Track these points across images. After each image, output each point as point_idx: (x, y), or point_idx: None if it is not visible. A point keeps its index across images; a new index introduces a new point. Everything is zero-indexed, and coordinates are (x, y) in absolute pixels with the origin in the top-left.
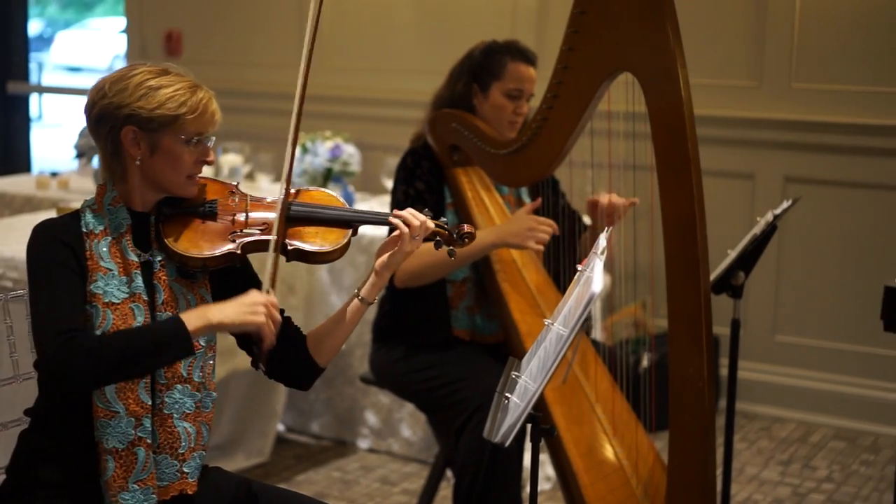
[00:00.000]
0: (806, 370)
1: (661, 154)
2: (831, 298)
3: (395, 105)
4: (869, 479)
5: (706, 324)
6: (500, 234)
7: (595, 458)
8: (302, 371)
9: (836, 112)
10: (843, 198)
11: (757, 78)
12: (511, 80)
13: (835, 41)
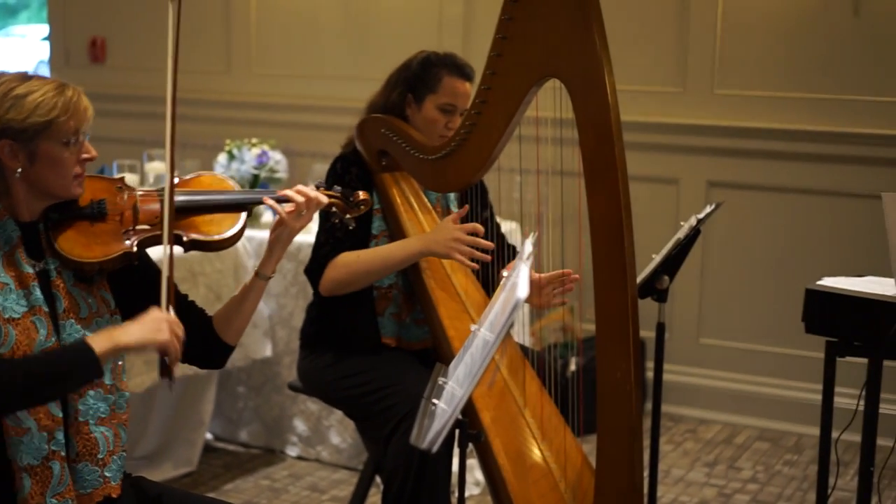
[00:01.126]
0: (730, 372)
1: (588, 160)
2: (754, 301)
3: (323, 111)
4: (792, 478)
5: (632, 327)
6: (426, 242)
7: (524, 463)
8: (212, 352)
9: (757, 117)
10: (766, 202)
11: (681, 84)
12: (446, 94)
13: (756, 48)
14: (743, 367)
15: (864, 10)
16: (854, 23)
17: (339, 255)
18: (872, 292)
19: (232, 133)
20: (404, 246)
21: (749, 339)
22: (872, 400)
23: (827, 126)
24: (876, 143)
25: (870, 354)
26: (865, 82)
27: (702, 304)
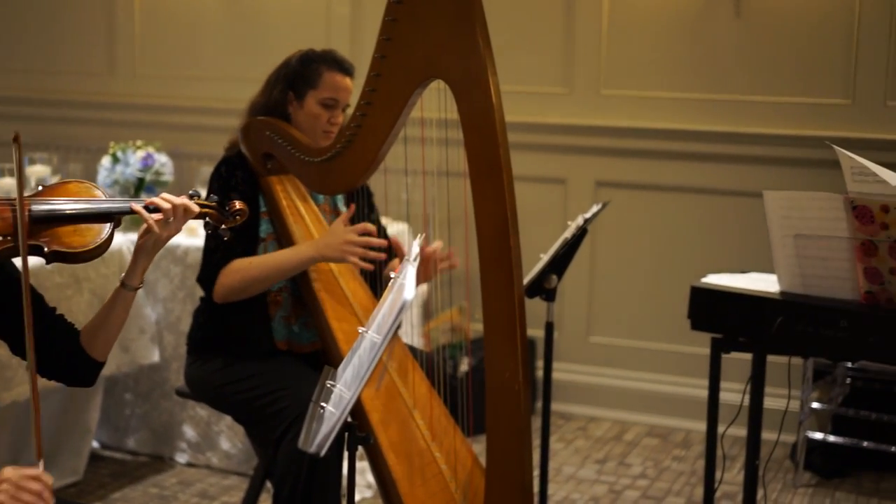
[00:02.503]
0: (619, 369)
1: (473, 160)
2: (642, 299)
3: (209, 113)
4: (681, 473)
5: (520, 327)
6: (319, 248)
7: (414, 464)
8: (78, 368)
9: (643, 118)
10: (652, 201)
11: (568, 85)
12: (326, 89)
13: (641, 49)
14: (631, 365)
15: (744, 12)
16: (736, 24)
17: (232, 262)
18: (755, 289)
19: (116, 135)
20: (297, 252)
21: (637, 337)
22: (757, 394)
23: (711, 126)
24: (759, 142)
25: (754, 349)
26: (747, 82)
27: (591, 302)
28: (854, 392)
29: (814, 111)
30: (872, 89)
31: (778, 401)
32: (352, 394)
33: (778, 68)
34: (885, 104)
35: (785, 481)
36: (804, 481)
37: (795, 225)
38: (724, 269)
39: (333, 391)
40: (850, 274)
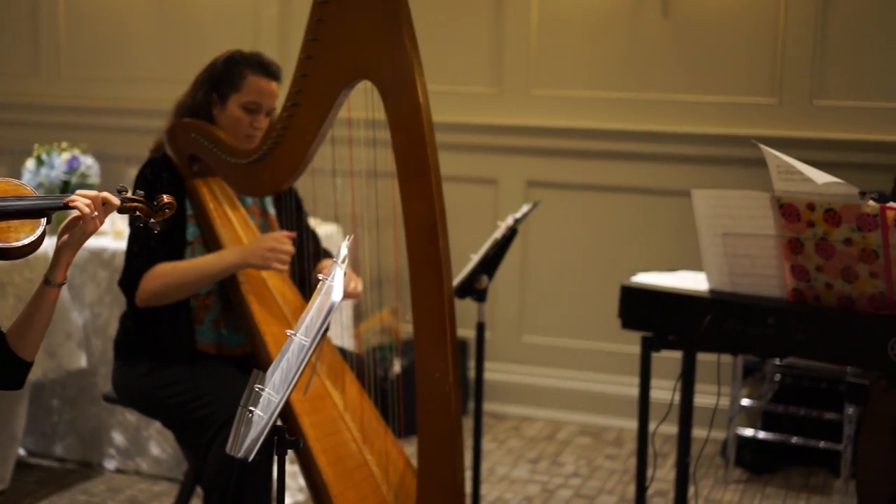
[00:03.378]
0: (551, 369)
1: (401, 161)
2: (573, 298)
3: (135, 114)
4: (613, 472)
5: (450, 328)
6: (244, 254)
7: (345, 467)
8: (7, 370)
9: (573, 117)
10: (582, 200)
11: (497, 85)
12: (248, 93)
13: (570, 49)
14: (564, 364)
15: (672, 11)
16: (663, 23)
17: (155, 266)
18: (684, 287)
19: (41, 137)
20: (221, 258)
21: (569, 336)
22: (687, 392)
23: (640, 125)
24: (687, 141)
25: (684, 347)
26: (676, 82)
27: (522, 302)
28: (783, 388)
29: (741, 110)
30: (798, 88)
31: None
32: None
33: (705, 68)
34: (811, 103)
35: (716, 478)
36: (735, 477)
37: (723, 223)
38: (653, 267)
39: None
40: (777, 272)
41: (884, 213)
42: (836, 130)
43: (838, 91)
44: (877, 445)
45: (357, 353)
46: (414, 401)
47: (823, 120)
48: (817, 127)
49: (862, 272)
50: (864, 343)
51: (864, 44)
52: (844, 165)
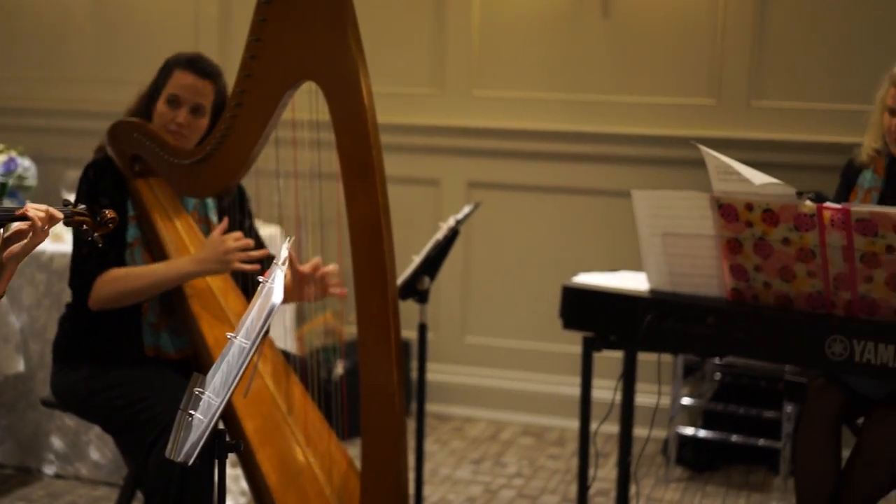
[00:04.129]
0: (495, 369)
1: (345, 162)
2: (516, 299)
3: (74, 115)
4: (556, 471)
5: (394, 329)
6: (200, 263)
7: (288, 470)
8: None
9: (514, 118)
10: (524, 201)
11: (439, 86)
12: (172, 86)
13: (511, 50)
14: (507, 364)
15: (612, 13)
16: (603, 25)
17: (109, 271)
18: (625, 287)
19: None
20: (178, 268)
21: (512, 337)
22: (628, 391)
23: (580, 126)
24: (627, 142)
25: (624, 347)
26: (615, 83)
27: (465, 303)
28: (723, 387)
29: (680, 111)
30: (737, 90)
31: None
32: (220, 401)
33: (645, 69)
34: (749, 104)
35: (657, 476)
36: (676, 476)
37: (663, 224)
38: (595, 268)
39: (202, 398)
40: (716, 271)
41: (820, 213)
42: (774, 131)
43: (776, 92)
44: (815, 443)
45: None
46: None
47: (761, 121)
48: (755, 128)
49: (799, 271)
50: (802, 342)
51: (800, 46)
52: (782, 166)
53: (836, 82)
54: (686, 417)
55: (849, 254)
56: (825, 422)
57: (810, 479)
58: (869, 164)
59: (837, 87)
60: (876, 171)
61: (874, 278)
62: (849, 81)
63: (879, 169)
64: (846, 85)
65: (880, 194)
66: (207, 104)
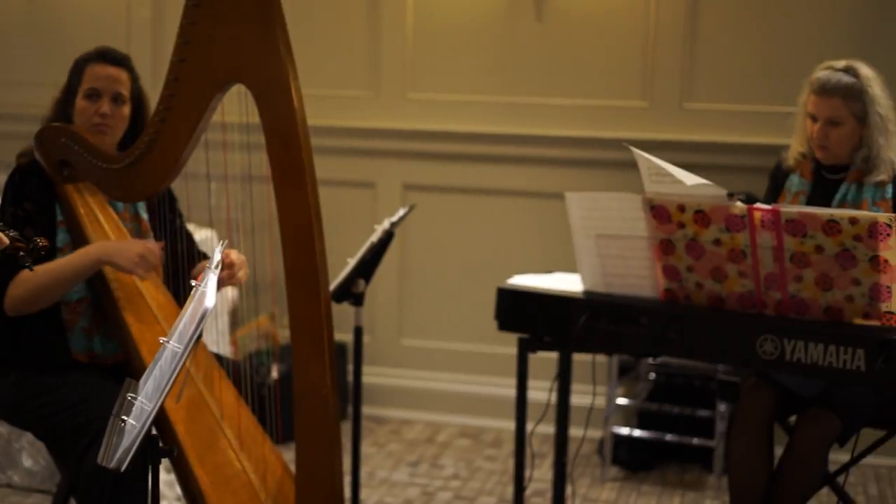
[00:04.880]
0: (431, 372)
1: (276, 165)
2: (452, 301)
3: (5, 119)
4: (493, 472)
5: (327, 332)
6: (107, 250)
7: (222, 475)
8: None
9: (449, 121)
10: (459, 203)
11: (374, 88)
12: (88, 80)
13: (446, 53)
14: (443, 366)
15: (545, 16)
16: (537, 27)
17: (19, 274)
18: (559, 289)
19: None
20: (86, 253)
21: (448, 339)
22: (564, 392)
23: (515, 128)
24: (561, 144)
25: (559, 348)
26: (549, 85)
27: (401, 305)
28: (657, 387)
29: (613, 113)
30: (668, 92)
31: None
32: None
33: (578, 71)
34: (681, 106)
35: (593, 476)
36: (612, 476)
37: (597, 225)
38: (529, 270)
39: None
40: (649, 272)
41: (751, 214)
42: (705, 133)
43: (707, 94)
44: (747, 441)
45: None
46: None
47: (693, 123)
48: (687, 130)
49: (731, 272)
50: (734, 341)
51: (731, 49)
52: (713, 167)
53: (765, 85)
54: (621, 417)
55: (779, 254)
56: (757, 420)
57: (743, 477)
58: (796, 167)
59: (767, 90)
60: (803, 175)
61: (804, 278)
62: (778, 83)
63: (806, 173)
64: (775, 87)
65: (807, 198)
66: (126, 92)
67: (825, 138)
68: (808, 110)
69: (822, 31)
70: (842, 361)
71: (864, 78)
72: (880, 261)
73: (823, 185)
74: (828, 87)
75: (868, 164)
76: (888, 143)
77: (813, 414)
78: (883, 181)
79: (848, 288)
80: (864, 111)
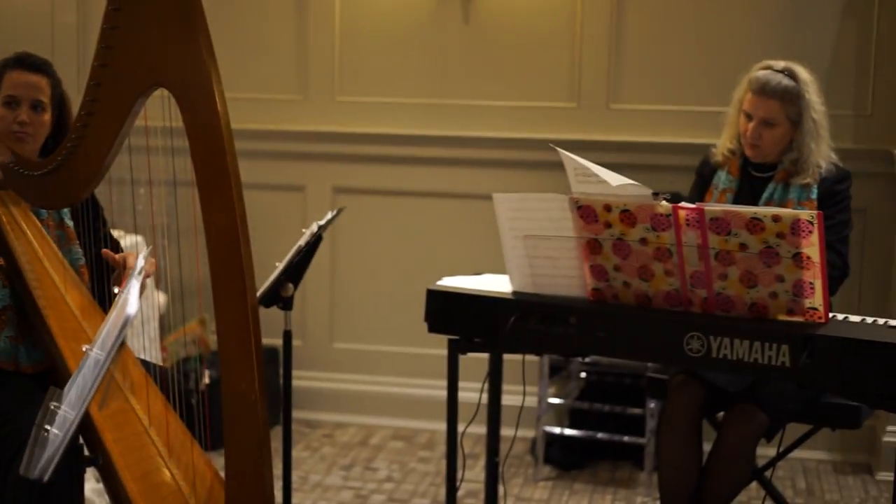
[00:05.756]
0: (363, 375)
1: (200, 169)
2: (383, 303)
3: None
4: (426, 474)
5: (255, 337)
6: None
7: (151, 483)
8: None
9: (378, 123)
10: (389, 205)
11: (303, 92)
12: (6, 88)
13: (374, 55)
14: (375, 369)
15: (473, 18)
16: (465, 30)
17: None
18: (489, 290)
19: None
20: None
21: (380, 341)
22: (495, 393)
23: (443, 130)
24: (489, 145)
25: (489, 349)
26: (477, 87)
27: (333, 309)
28: (588, 386)
29: (541, 114)
30: (595, 93)
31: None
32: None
33: (506, 73)
34: (608, 107)
35: (526, 476)
36: (544, 475)
37: (524, 226)
38: (460, 271)
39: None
40: (577, 272)
41: (676, 213)
42: (632, 133)
43: (633, 95)
44: (675, 438)
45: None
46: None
47: (619, 123)
48: (614, 130)
49: (657, 270)
50: (662, 339)
51: (655, 51)
52: (640, 167)
53: (689, 85)
54: (553, 417)
55: (704, 252)
56: (686, 417)
57: (673, 473)
58: (724, 164)
59: (691, 90)
60: (731, 172)
61: (729, 276)
62: (702, 84)
63: (734, 170)
64: (700, 87)
65: (734, 195)
66: (46, 99)
67: (758, 137)
68: (745, 108)
69: (744, 33)
70: (767, 357)
71: (803, 82)
72: (803, 257)
73: (750, 183)
74: (767, 89)
75: (796, 167)
76: (818, 147)
77: (740, 410)
78: (808, 184)
79: (772, 285)
80: (799, 115)
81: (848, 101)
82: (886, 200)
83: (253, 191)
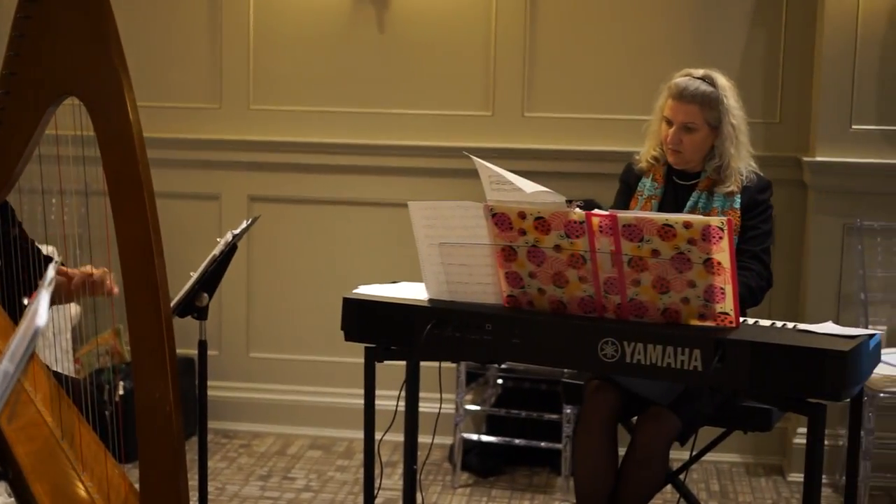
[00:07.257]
0: (281, 384)
1: (112, 179)
2: (300, 313)
3: None
4: (344, 483)
5: (169, 348)
6: None
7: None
8: None
9: (293, 132)
10: (305, 214)
11: (217, 100)
12: None
13: (289, 64)
14: (292, 379)
15: (388, 28)
16: (379, 39)
17: None
18: (404, 298)
19: None
20: None
21: (297, 351)
22: (412, 400)
23: (359, 138)
24: (405, 153)
25: (406, 357)
26: (393, 96)
27: (249, 318)
28: (506, 392)
29: (457, 123)
30: (510, 102)
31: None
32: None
33: (421, 82)
34: (523, 115)
35: (444, 483)
36: (462, 481)
37: (439, 234)
38: (376, 279)
39: None
40: (492, 279)
41: (589, 220)
42: (546, 141)
43: (547, 104)
44: (591, 442)
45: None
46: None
47: (534, 131)
48: (529, 138)
49: (572, 277)
50: (576, 345)
51: (569, 60)
52: (554, 174)
53: (602, 93)
54: (470, 423)
55: (617, 258)
56: (600, 422)
57: (588, 478)
58: (648, 171)
59: (604, 98)
60: (655, 179)
61: (641, 281)
62: (615, 92)
63: (658, 177)
64: (612, 96)
65: (659, 202)
66: None
67: (679, 143)
68: (665, 114)
69: (655, 43)
70: (679, 362)
71: (721, 88)
72: (714, 263)
73: (675, 191)
74: (685, 94)
75: (720, 174)
76: (738, 153)
77: (653, 413)
78: (732, 192)
79: (684, 290)
80: (718, 120)
81: (757, 109)
82: (795, 206)
83: (167, 200)
